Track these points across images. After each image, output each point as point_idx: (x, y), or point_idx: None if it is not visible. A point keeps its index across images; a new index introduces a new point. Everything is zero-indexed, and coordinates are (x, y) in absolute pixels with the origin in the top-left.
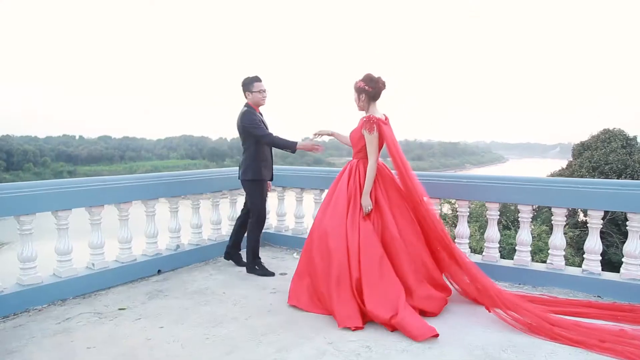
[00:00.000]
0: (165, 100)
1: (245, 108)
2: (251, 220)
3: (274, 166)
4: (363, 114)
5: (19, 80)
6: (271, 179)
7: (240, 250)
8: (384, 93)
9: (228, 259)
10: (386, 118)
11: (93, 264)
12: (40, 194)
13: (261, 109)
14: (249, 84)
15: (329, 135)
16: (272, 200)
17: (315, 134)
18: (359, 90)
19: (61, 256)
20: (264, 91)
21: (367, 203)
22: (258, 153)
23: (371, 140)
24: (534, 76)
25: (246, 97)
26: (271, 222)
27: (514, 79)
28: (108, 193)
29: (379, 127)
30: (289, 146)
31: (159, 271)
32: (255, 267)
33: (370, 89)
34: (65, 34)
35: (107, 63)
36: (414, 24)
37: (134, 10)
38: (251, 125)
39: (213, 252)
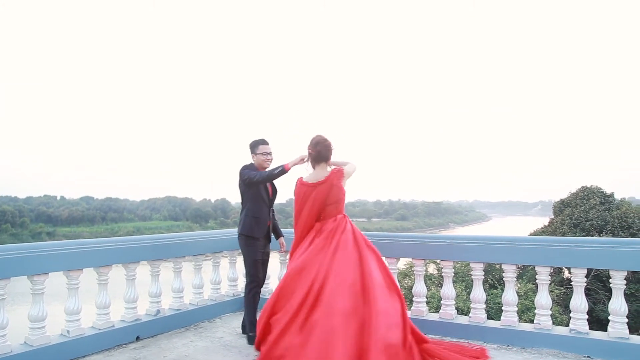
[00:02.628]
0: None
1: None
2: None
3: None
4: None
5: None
6: (268, 240)
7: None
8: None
9: (247, 333)
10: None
11: (68, 331)
12: (14, 258)
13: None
14: (254, 147)
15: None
16: (273, 262)
17: (299, 160)
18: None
19: (34, 323)
20: (269, 154)
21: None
22: (252, 209)
23: (347, 166)
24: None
25: (252, 159)
26: (272, 287)
27: (492, 139)
28: (87, 256)
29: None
30: (280, 170)
31: (137, 338)
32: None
33: (311, 152)
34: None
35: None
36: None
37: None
38: (246, 172)
39: (194, 317)
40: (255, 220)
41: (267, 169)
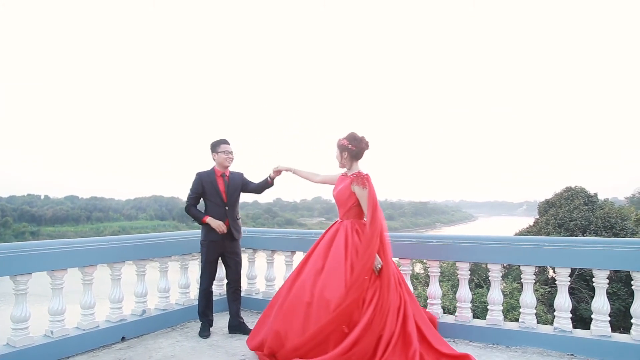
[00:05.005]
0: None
1: (204, 170)
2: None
3: (245, 228)
4: (343, 170)
5: None
6: (233, 238)
7: (241, 319)
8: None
9: (234, 333)
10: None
11: (52, 332)
12: None
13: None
14: (215, 146)
15: (287, 170)
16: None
17: (274, 170)
18: (341, 147)
19: (17, 324)
20: (230, 152)
21: (378, 262)
22: (207, 212)
23: (365, 196)
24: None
25: (213, 159)
26: (243, 285)
27: (479, 140)
28: (71, 256)
29: (369, 182)
30: (197, 217)
31: (122, 338)
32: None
33: (353, 148)
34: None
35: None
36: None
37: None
38: (190, 188)
39: (180, 317)
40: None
41: (191, 208)
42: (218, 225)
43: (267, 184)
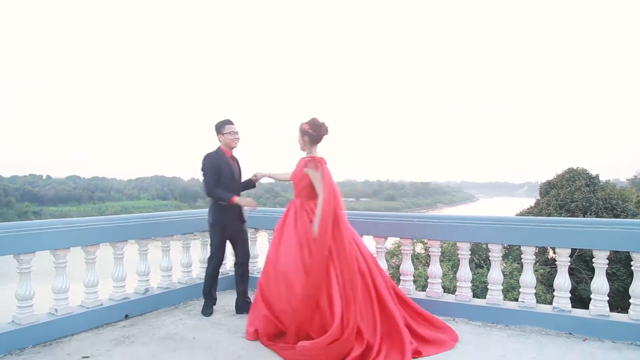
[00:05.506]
0: (137, 139)
1: (212, 151)
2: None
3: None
4: (304, 154)
5: None
6: (242, 220)
7: (248, 298)
8: (330, 137)
9: (241, 312)
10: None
11: (56, 310)
12: (0, 237)
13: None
14: (220, 127)
15: (265, 176)
16: None
17: (254, 177)
18: (302, 131)
19: (22, 302)
20: (236, 133)
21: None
22: (219, 206)
23: (318, 179)
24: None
25: (219, 140)
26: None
27: (480, 121)
28: (74, 235)
29: (322, 165)
30: (224, 198)
31: (126, 316)
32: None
33: (313, 133)
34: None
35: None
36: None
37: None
38: (203, 171)
39: (183, 295)
40: (222, 207)
41: (215, 190)
42: (249, 202)
43: (250, 183)
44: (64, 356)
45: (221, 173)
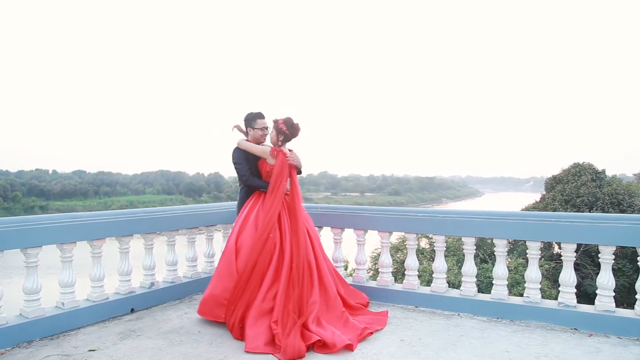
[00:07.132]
0: (143, 134)
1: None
2: None
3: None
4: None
5: None
6: None
7: None
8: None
9: None
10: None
11: (63, 303)
12: (7, 231)
13: None
14: (251, 120)
15: (240, 131)
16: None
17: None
18: (279, 131)
19: (29, 295)
20: (266, 128)
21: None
22: (247, 195)
23: (276, 169)
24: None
25: (248, 133)
26: None
27: (485, 115)
28: (80, 229)
29: (280, 157)
30: (263, 186)
31: (132, 310)
32: None
33: (289, 134)
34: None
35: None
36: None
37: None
38: (237, 162)
39: (188, 289)
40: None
41: (253, 179)
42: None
43: (265, 187)
44: (70, 349)
45: (251, 164)
